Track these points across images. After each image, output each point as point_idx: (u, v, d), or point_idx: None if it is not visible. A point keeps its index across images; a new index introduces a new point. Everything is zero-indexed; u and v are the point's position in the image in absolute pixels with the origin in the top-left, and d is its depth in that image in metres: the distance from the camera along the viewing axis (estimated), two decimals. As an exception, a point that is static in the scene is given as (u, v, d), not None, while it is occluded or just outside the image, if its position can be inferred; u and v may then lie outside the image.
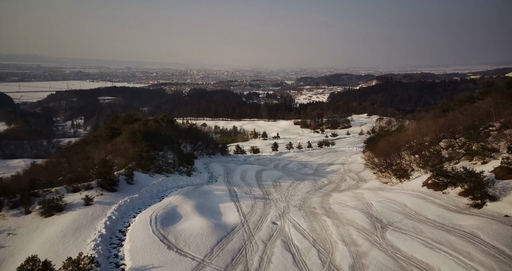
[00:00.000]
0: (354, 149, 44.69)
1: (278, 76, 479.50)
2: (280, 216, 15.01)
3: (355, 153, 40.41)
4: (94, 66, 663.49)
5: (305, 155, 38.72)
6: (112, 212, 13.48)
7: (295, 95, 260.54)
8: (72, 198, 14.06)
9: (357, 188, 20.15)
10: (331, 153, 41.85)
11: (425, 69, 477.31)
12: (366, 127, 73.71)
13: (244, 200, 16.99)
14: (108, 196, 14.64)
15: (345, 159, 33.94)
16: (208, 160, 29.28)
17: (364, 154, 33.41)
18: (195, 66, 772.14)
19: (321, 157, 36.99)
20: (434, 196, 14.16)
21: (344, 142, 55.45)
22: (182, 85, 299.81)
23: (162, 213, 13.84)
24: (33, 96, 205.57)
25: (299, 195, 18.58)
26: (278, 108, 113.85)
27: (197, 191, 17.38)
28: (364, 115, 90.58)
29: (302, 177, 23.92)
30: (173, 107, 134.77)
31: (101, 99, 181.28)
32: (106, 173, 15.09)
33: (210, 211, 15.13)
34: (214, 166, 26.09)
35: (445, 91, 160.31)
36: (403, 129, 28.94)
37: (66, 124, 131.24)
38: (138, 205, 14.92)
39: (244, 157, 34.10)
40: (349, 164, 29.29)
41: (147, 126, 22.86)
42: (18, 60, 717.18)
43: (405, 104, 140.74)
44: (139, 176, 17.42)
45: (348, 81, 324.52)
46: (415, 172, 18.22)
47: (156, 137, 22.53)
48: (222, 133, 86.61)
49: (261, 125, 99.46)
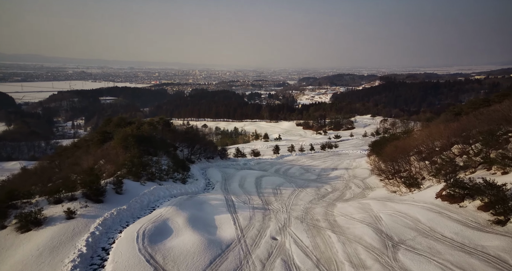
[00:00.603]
0: (358, 152, 43.36)
1: (281, 76, 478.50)
2: (281, 229, 13.78)
3: (360, 156, 39.08)
4: (97, 67, 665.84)
5: (308, 158, 37.46)
6: (96, 226, 12.30)
7: (297, 95, 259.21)
8: (53, 210, 12.90)
9: (363, 196, 18.86)
10: (334, 156, 40.54)
11: (428, 69, 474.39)
12: (370, 129, 72.28)
13: (242, 211, 15.78)
14: (93, 208, 13.47)
15: (349, 163, 32.65)
16: (206, 164, 28.09)
17: (369, 158, 32.11)
18: (197, 66, 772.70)
19: (324, 161, 35.70)
20: (450, 210, 12.85)
21: (347, 144, 54.11)
22: (184, 85, 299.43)
23: (151, 228, 12.65)
24: (35, 97, 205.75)
25: (301, 205, 17.35)
26: (280, 109, 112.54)
27: (191, 201, 16.18)
28: (368, 117, 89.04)
29: (304, 184, 22.66)
30: (174, 108, 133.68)
31: (102, 99, 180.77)
32: (91, 182, 13.93)
33: (204, 224, 13.93)
34: (212, 172, 24.88)
35: (449, 92, 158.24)
36: (411, 133, 27.56)
37: (67, 125, 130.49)
38: (126, 218, 13.74)
39: (244, 160, 32.90)
40: (353, 169, 27.97)
41: (140, 130, 21.72)
42: (21, 61, 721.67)
43: (409, 105, 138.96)
44: (129, 185, 16.25)
45: (350, 81, 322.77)
46: (427, 181, 16.90)
47: (150, 141, 21.38)
48: (223, 135, 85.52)
49: (262, 126, 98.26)
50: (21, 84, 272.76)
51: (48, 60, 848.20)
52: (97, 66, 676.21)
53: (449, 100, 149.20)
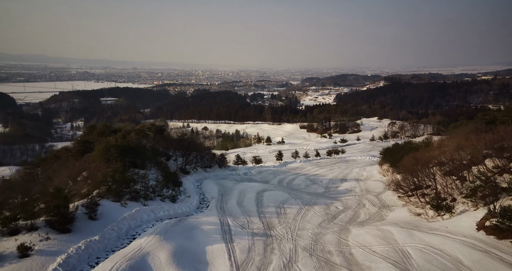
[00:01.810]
0: (367, 158, 40.71)
1: (283, 76, 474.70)
2: (286, 267, 11.26)
3: (369, 163, 36.45)
4: (100, 67, 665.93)
5: (313, 166, 34.90)
6: (55, 267, 9.84)
7: (300, 96, 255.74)
8: (5, 245, 10.47)
9: (381, 218, 16.25)
10: (341, 163, 37.93)
11: (432, 69, 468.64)
12: (377, 132, 69.36)
13: (239, 239, 13.28)
14: (55, 241, 11.01)
15: (359, 172, 30.03)
16: (202, 175, 25.60)
17: (381, 167, 29.46)
18: (200, 66, 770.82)
19: (331, 169, 33.14)
20: (501, 249, 10.23)
21: (354, 149, 51.40)
22: (186, 85, 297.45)
23: (124, 268, 10.18)
24: (37, 97, 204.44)
25: (309, 230, 14.80)
26: (283, 111, 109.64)
27: (180, 227, 13.69)
28: (375, 119, 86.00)
29: (312, 200, 20.09)
30: (175, 109, 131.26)
31: (103, 100, 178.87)
32: (57, 207, 11.49)
33: (192, 259, 11.45)
34: (208, 185, 22.38)
35: (457, 93, 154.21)
36: (432, 144, 24.84)
37: (66, 127, 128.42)
38: (96, 252, 11.27)
39: (244, 169, 30.41)
40: (365, 181, 25.34)
41: (127, 139, 19.31)
42: (25, 61, 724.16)
43: (415, 106, 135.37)
44: (106, 207, 13.78)
45: (354, 81, 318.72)
46: (459, 204, 14.26)
47: (137, 152, 18.96)
48: (224, 138, 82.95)
49: (265, 129, 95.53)
50: (23, 85, 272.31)
51: (52, 60, 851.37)
52: (101, 67, 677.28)
53: (457, 102, 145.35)
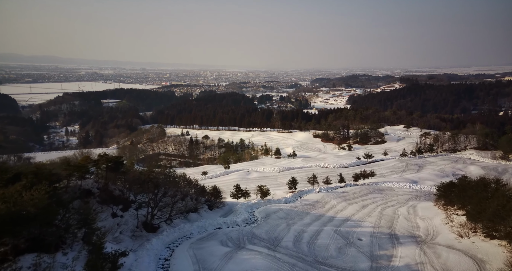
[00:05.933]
0: (406, 186, 31.30)
1: (293, 77, 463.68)
2: None
3: (413, 196, 27.17)
4: (110, 67, 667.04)
5: (339, 199, 25.84)
6: None
7: (310, 97, 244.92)
8: None
9: None
10: (375, 193, 28.71)
11: (446, 69, 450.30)
12: (406, 144, 59.21)
13: None
14: None
15: (409, 218, 20.74)
16: (178, 232, 16.77)
17: (444, 211, 20.03)
18: (209, 67, 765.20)
19: (363, 205, 24.11)
20: None
21: (384, 168, 41.82)
22: (193, 87, 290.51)
23: None
24: (41, 98, 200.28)
25: None
26: (294, 117, 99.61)
27: None
28: (401, 127, 75.55)
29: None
30: (177, 113, 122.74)
31: (105, 102, 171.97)
32: None
33: None
34: (179, 261, 13.49)
35: (486, 96, 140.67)
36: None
37: (61, 131, 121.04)
38: None
39: (245, 210, 21.65)
40: (433, 247, 15.95)
41: (33, 194, 10.78)
42: (38, 62, 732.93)
43: (439, 110, 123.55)
44: None
45: (366, 82, 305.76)
46: None
47: (47, 220, 10.40)
48: (226, 148, 73.62)
49: (273, 137, 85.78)
50: (30, 86, 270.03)
51: (64, 61, 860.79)
52: (110, 67, 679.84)
53: (487, 106, 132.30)
